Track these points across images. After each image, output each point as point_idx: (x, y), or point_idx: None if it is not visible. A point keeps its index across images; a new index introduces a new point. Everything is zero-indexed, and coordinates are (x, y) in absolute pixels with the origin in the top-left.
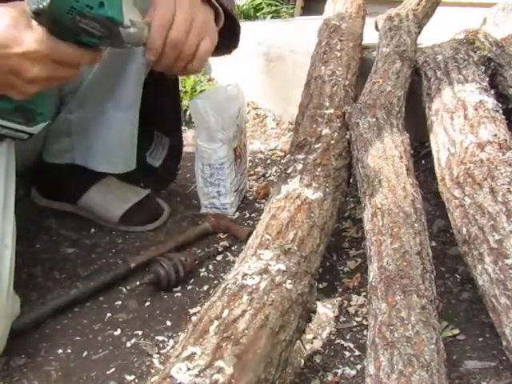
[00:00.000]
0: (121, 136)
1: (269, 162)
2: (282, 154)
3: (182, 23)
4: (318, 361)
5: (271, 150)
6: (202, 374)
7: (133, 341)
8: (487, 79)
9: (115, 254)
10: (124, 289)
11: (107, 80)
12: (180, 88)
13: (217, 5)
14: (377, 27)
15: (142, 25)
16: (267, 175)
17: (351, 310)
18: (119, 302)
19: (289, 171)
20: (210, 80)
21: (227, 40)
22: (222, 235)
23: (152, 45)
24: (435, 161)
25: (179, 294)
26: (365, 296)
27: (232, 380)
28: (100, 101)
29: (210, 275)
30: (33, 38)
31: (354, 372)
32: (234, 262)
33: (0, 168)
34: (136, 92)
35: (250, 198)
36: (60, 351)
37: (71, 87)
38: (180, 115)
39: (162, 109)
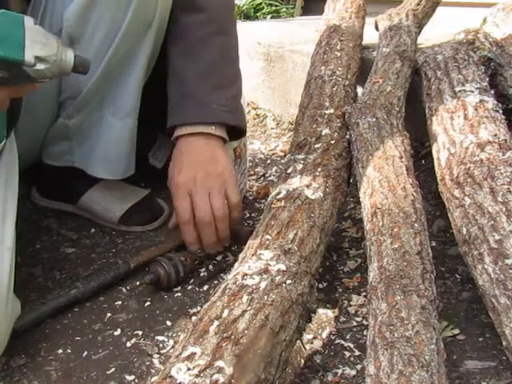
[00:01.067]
0: (119, 142)
1: (269, 161)
2: (282, 154)
3: (202, 204)
4: (317, 361)
5: (271, 150)
6: (202, 374)
7: (133, 341)
8: (487, 79)
9: (115, 253)
10: (124, 289)
11: (106, 87)
12: None
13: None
14: (377, 27)
15: (60, 56)
16: (267, 175)
17: (351, 309)
18: (119, 302)
19: (289, 171)
20: None
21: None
22: None
23: (187, 239)
24: (435, 161)
25: (179, 294)
26: (365, 296)
27: (232, 380)
28: (98, 107)
29: (210, 275)
30: None
31: (354, 372)
32: (234, 261)
33: (1, 170)
34: (135, 99)
35: (250, 198)
36: (60, 351)
37: (70, 93)
38: None
39: (164, 111)
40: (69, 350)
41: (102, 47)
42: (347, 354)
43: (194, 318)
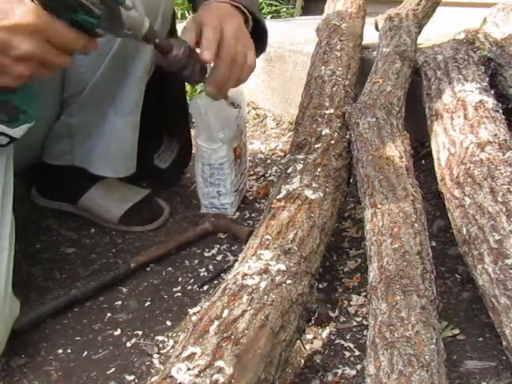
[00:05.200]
0: (121, 140)
1: (269, 161)
2: (282, 154)
3: (231, 36)
4: (317, 361)
5: (271, 150)
6: (202, 374)
7: (133, 341)
8: (487, 79)
9: (115, 253)
10: (124, 289)
11: (109, 85)
12: None
13: (246, 11)
14: (377, 27)
15: (142, 13)
16: (267, 175)
17: (351, 309)
18: (119, 302)
19: (289, 171)
20: None
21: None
22: (221, 235)
23: (207, 50)
24: (435, 161)
25: (179, 294)
26: (365, 296)
27: (232, 380)
28: (101, 105)
29: (210, 275)
30: (25, 10)
31: (354, 372)
32: (234, 262)
33: None
34: (137, 97)
35: (250, 198)
36: (60, 351)
37: (73, 91)
38: (188, 122)
39: (172, 115)
40: (69, 350)
41: (105, 44)
42: (347, 353)
43: (194, 318)
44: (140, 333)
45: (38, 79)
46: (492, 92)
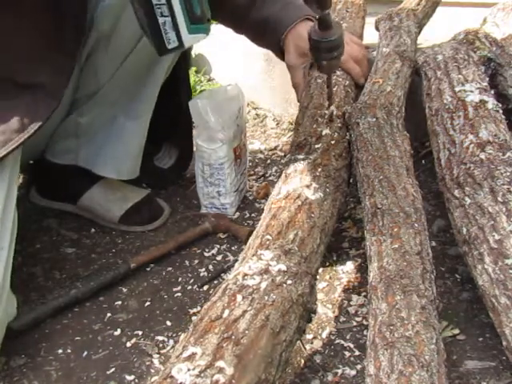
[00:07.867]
0: (128, 144)
1: (269, 161)
2: (282, 154)
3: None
4: (318, 361)
5: (271, 150)
6: (202, 375)
7: (133, 341)
8: (487, 79)
9: (115, 253)
10: (124, 289)
11: (124, 89)
12: None
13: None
14: (377, 27)
15: None
16: (267, 175)
17: (351, 309)
18: (119, 302)
19: (289, 171)
20: (209, 80)
21: None
22: (221, 235)
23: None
24: (435, 161)
25: (179, 294)
26: (365, 296)
27: (233, 380)
28: (112, 108)
29: (210, 275)
30: None
31: (353, 372)
32: (234, 262)
33: (4, 176)
34: (150, 103)
35: (250, 197)
36: (60, 351)
37: (88, 91)
38: (191, 128)
39: (176, 123)
40: (69, 350)
41: (124, 50)
42: (347, 353)
43: (194, 318)
44: (140, 333)
45: None
46: (492, 92)
